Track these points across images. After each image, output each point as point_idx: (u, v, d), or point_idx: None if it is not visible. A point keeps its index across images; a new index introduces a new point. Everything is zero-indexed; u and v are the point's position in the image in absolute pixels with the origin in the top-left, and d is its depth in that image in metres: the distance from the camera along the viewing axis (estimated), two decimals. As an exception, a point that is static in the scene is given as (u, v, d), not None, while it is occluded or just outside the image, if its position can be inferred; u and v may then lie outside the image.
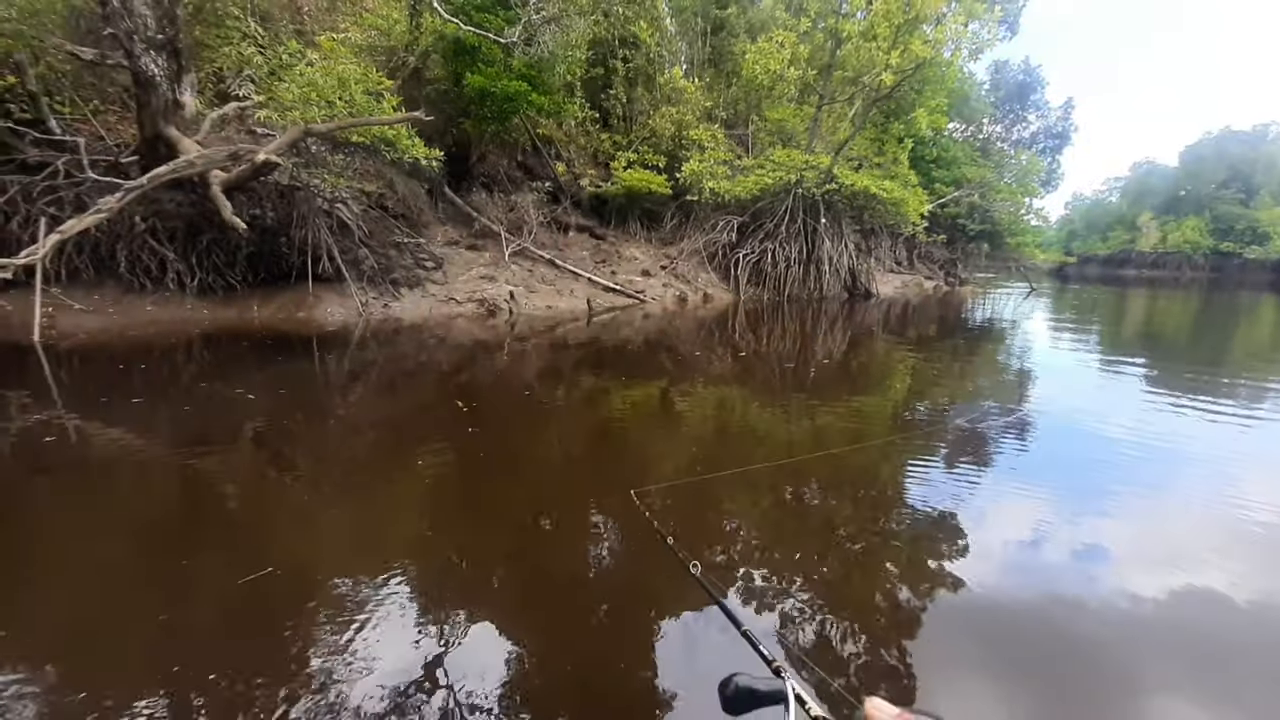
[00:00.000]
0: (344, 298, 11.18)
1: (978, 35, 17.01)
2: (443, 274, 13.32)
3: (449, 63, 14.39)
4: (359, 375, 8.12)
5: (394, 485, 4.57)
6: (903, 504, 4.35)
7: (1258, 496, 4.52)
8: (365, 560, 3.34)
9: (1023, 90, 32.51)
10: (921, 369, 10.08)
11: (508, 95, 13.72)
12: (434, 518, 4.07)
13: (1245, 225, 52.49)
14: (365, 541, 3.69)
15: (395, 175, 13.48)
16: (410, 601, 2.99)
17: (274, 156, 9.02)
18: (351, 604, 2.95)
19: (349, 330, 10.35)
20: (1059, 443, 6.02)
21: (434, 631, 2.79)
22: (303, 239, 10.59)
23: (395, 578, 3.17)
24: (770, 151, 19.16)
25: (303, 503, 4.26)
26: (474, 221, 15.70)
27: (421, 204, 14.62)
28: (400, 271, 12.36)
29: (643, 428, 6.40)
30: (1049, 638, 2.91)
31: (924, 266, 27.76)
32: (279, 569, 3.20)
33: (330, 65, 10.13)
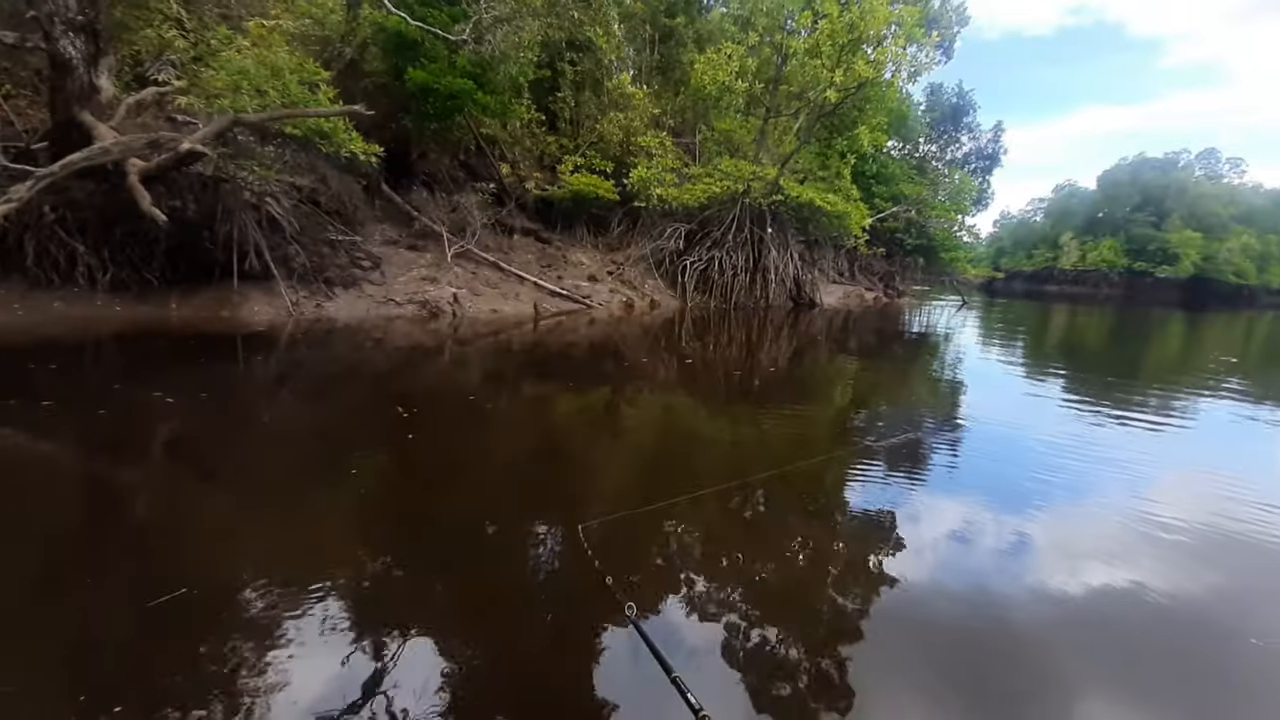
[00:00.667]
0: (272, 296, 10.60)
1: (916, 58, 17.68)
2: (381, 274, 12.82)
3: (389, 56, 13.93)
4: (288, 378, 7.69)
5: (324, 496, 4.27)
6: (846, 528, 4.23)
7: (1165, 499, 4.76)
8: (289, 579, 3.07)
9: (956, 113, 33.99)
10: (864, 378, 10.29)
11: (452, 93, 13.36)
12: (365, 533, 3.80)
13: (1156, 246, 56.32)
14: (290, 559, 3.40)
15: (329, 170, 12.88)
16: (337, 624, 2.74)
17: (200, 146, 8.48)
18: (273, 628, 2.69)
19: (277, 331, 9.81)
20: (988, 450, 6.18)
21: (359, 658, 2.55)
22: (227, 234, 9.98)
23: (321, 599, 2.91)
24: (718, 161, 19.34)
25: (224, 516, 3.92)
26: (414, 221, 15.20)
27: (357, 201, 14.00)
28: (334, 270, 11.82)
29: (588, 439, 6.25)
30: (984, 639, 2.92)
31: (865, 278, 28.60)
32: (195, 589, 2.91)
33: (263, 53, 9.60)
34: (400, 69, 13.50)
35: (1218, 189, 60.94)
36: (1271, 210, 61.87)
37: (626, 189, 18.13)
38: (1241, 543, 4.11)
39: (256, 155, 10.15)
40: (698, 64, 18.63)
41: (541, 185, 18.28)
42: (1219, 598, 3.47)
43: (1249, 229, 57.96)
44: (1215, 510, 4.60)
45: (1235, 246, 56.30)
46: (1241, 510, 4.62)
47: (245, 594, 2.94)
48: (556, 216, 18.79)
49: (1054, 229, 65.67)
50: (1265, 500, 4.88)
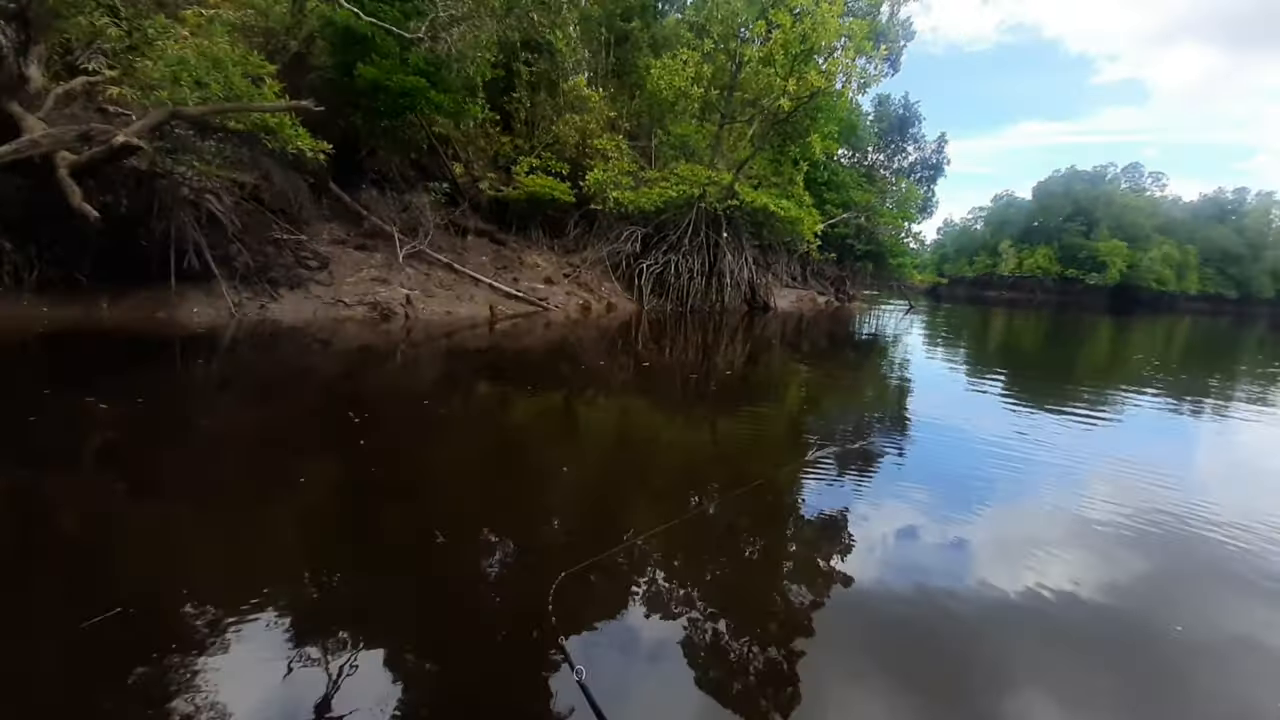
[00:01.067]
0: (213, 297, 10.16)
1: (866, 70, 18.23)
2: (329, 274, 12.44)
3: (338, 51, 13.53)
4: (231, 382, 7.39)
5: (269, 507, 4.11)
6: (800, 548, 3.97)
7: (1096, 494, 5.04)
8: (231, 597, 2.92)
9: (903, 123, 35.15)
10: (819, 382, 10.52)
11: (404, 90, 13.08)
12: (313, 547, 3.67)
13: (1087, 255, 59.40)
14: (233, 575, 3.25)
15: (273, 166, 12.41)
16: (278, 646, 2.63)
17: (135, 139, 8.05)
18: (213, 648, 2.56)
19: (218, 333, 9.41)
20: (934, 452, 6.39)
21: (300, 682, 2.44)
22: (164, 231, 9.54)
23: (263, 618, 2.79)
24: (674, 165, 19.49)
25: (163, 529, 3.72)
26: (363, 220, 14.80)
27: (303, 199, 13.52)
28: (279, 270, 11.42)
29: (547, 448, 6.16)
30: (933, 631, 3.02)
31: (817, 282, 29.24)
32: (131, 608, 2.75)
33: (203, 43, 9.18)
34: (349, 65, 13.14)
35: (1141, 201, 64.76)
36: (1188, 222, 66.18)
37: (583, 191, 18.08)
38: (1165, 534, 4.35)
39: (195, 150, 9.69)
40: (654, 68, 18.75)
41: (496, 186, 18.04)
42: (1146, 588, 3.66)
43: (1169, 239, 61.81)
44: (1142, 504, 4.86)
45: (1157, 255, 59.93)
46: (1165, 504, 4.89)
47: (185, 613, 2.79)
48: (511, 218, 18.58)
49: (993, 237, 68.51)
50: (1186, 493, 5.19)
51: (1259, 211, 68.46)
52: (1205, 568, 3.97)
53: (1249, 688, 2.83)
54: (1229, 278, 64.77)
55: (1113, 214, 60.88)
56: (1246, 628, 3.28)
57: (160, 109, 8.54)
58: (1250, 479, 6.18)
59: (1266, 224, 67.64)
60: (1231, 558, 4.06)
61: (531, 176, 17.59)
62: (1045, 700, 2.65)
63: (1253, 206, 69.00)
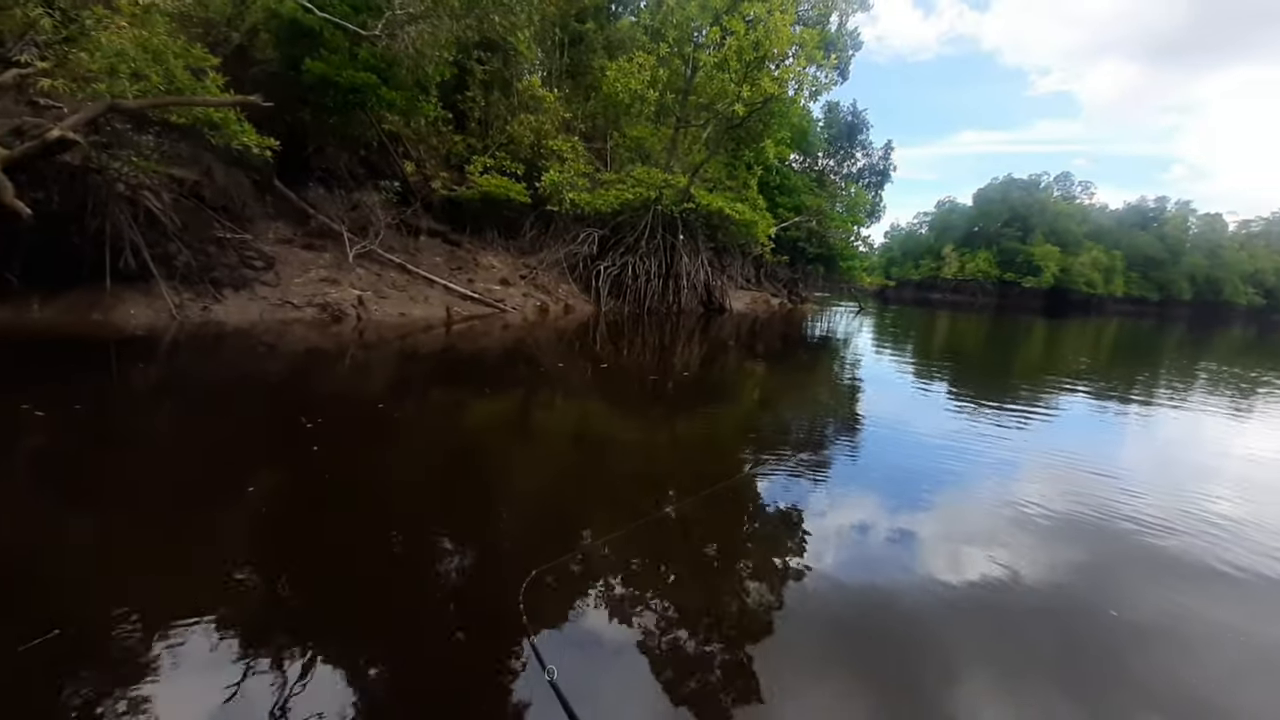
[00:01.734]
0: (152, 298, 9.72)
1: (817, 78, 18.68)
2: (275, 275, 12.04)
3: (284, 45, 13.14)
4: (175, 387, 7.09)
5: (216, 519, 3.96)
6: (756, 550, 4.00)
7: (1033, 489, 5.31)
8: (176, 615, 2.81)
9: (851, 130, 36.17)
10: (774, 382, 10.74)
11: (354, 86, 12.78)
12: (263, 560, 3.54)
13: (1023, 259, 62.23)
14: (177, 591, 3.10)
15: (214, 162, 11.92)
16: (225, 666, 2.52)
17: (71, 133, 7.61)
18: (156, 671, 2.47)
19: (158, 335, 9.00)
20: (884, 448, 6.61)
21: (251, 702, 2.37)
22: (98, 229, 9.08)
23: (210, 638, 2.69)
24: (631, 168, 19.57)
25: (103, 544, 3.54)
26: (310, 219, 14.37)
27: (247, 196, 13.04)
28: (222, 270, 10.99)
29: (505, 452, 6.14)
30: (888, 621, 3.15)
31: (770, 284, 29.79)
32: (70, 628, 2.63)
33: (142, 34, 8.76)
34: (296, 59, 12.76)
35: (1072, 208, 68.22)
36: (1114, 228, 70.07)
37: (538, 192, 17.97)
38: (1097, 524, 4.63)
39: (133, 145, 9.23)
40: (610, 70, 18.80)
41: (449, 185, 17.74)
42: (1081, 575, 3.88)
43: (1097, 245, 65.38)
44: (1075, 495, 5.17)
45: (1087, 260, 63.29)
46: (1096, 495, 5.21)
47: (125, 633, 2.67)
48: (465, 218, 18.32)
49: (937, 241, 71.10)
50: (1115, 484, 5.54)
51: (1178, 219, 73.01)
52: (1136, 554, 4.22)
53: (1178, 666, 3.03)
54: (1151, 281, 68.80)
55: (1046, 220, 63.97)
56: (1174, 610, 3.51)
57: (97, 102, 8.11)
58: (1174, 469, 6.58)
59: (1184, 231, 72.18)
60: (1159, 543, 4.34)
61: (486, 176, 17.39)
62: (989, 681, 2.81)
63: (1172, 214, 73.55)
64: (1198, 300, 69.13)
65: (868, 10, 27.16)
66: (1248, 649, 3.17)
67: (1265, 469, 6.67)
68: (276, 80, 13.44)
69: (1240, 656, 3.11)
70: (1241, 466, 6.72)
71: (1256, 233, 77.45)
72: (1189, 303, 69.06)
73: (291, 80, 13.02)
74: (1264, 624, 3.42)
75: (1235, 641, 3.22)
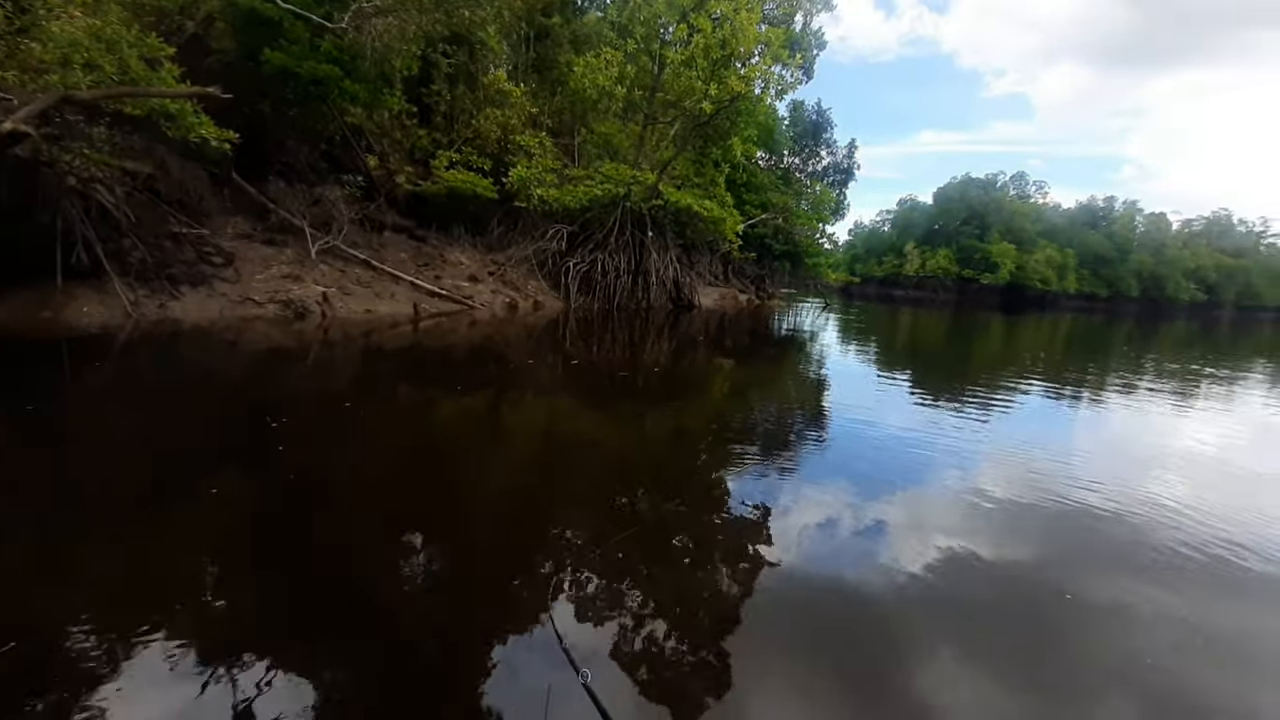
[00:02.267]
0: (106, 295, 9.39)
1: (783, 77, 18.92)
2: (235, 271, 11.73)
3: (242, 35, 12.77)
4: (132, 386, 6.88)
5: (179, 522, 3.84)
6: (728, 542, 4.04)
7: (992, 477, 5.49)
8: (136, 623, 2.70)
9: (816, 129, 36.65)
10: (744, 378, 10.85)
11: (315, 78, 12.50)
12: (230, 565, 3.44)
13: (981, 256, 63.91)
14: (139, 600, 2.98)
15: (169, 155, 11.54)
16: (192, 679, 2.43)
17: (23, 125, 7.29)
18: (120, 682, 2.37)
19: (113, 334, 8.71)
20: (850, 441, 6.70)
21: (217, 700, 2.32)
22: (48, 225, 8.73)
23: (174, 648, 2.59)
24: (599, 164, 19.54)
25: (60, 551, 3.39)
26: (270, 214, 14.02)
27: (203, 190, 12.65)
28: (180, 267, 10.67)
29: (477, 452, 6.09)
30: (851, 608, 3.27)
31: (738, 281, 30.08)
32: (22, 641, 2.54)
33: (95, 23, 8.42)
34: (254, 49, 12.42)
35: (1027, 207, 70.28)
36: (1067, 227, 72.42)
37: (506, 188, 17.82)
38: (1052, 511, 4.81)
39: (84, 137, 8.86)
40: (577, 66, 18.73)
41: (413, 180, 17.45)
42: (1039, 561, 4.04)
43: (1051, 243, 67.51)
44: (1031, 485, 5.37)
45: (1041, 258, 65.32)
46: (1051, 484, 5.41)
47: (84, 646, 2.56)
48: (431, 214, 18.05)
49: (899, 238, 72.52)
50: (1069, 474, 5.77)
51: (1125, 218, 75.79)
52: (1089, 539, 4.40)
53: (1128, 644, 3.17)
54: (1101, 278, 71.30)
55: (1003, 219, 65.81)
56: (1124, 592, 3.67)
57: (50, 93, 7.76)
58: (1123, 457, 6.89)
59: (1132, 230, 74.94)
60: (1110, 529, 4.54)
61: (452, 171, 17.17)
62: (953, 661, 2.92)
63: (1120, 214, 76.32)
64: (1144, 296, 71.91)
65: (831, 10, 27.56)
66: (1190, 627, 3.32)
67: (1206, 455, 6.99)
68: (234, 71, 13.05)
69: (1183, 634, 3.26)
70: (1185, 453, 7.02)
71: (1198, 231, 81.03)
72: (1136, 299, 71.77)
73: (250, 71, 12.66)
74: (1205, 603, 3.60)
75: (1179, 620, 3.38)
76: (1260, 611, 3.61)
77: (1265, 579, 3.93)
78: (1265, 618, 3.54)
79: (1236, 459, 6.94)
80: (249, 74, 12.72)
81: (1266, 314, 74.70)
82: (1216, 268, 74.97)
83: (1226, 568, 4.03)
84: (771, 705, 2.57)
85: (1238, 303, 76.16)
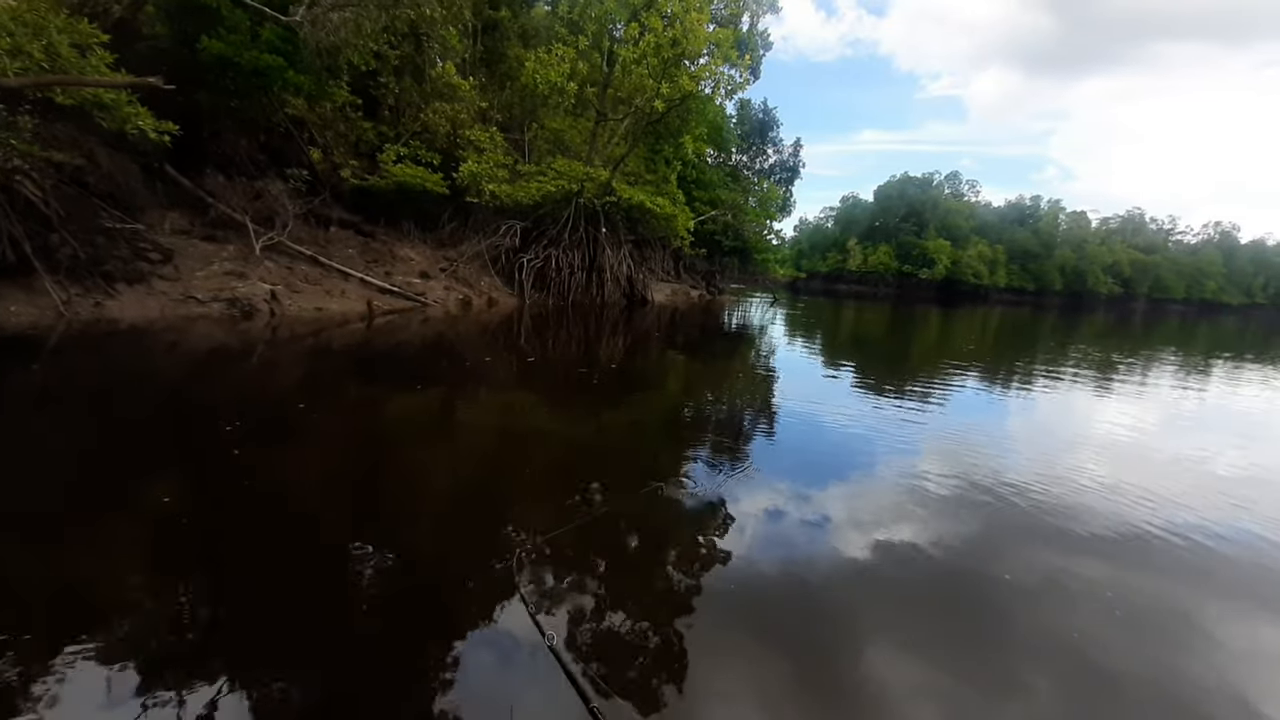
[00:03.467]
0: (34, 294, 8.90)
1: (732, 78, 19.27)
2: (174, 268, 11.25)
3: (175, 21, 12.25)
4: (71, 390, 6.55)
5: (128, 531, 3.72)
6: (682, 534, 4.26)
7: (931, 469, 5.68)
8: (75, 638, 2.63)
9: (763, 128, 37.47)
10: (696, 372, 11.11)
11: (257, 69, 12.10)
12: (189, 572, 3.37)
13: (919, 252, 66.61)
14: (79, 611, 2.88)
15: (97, 146, 10.96)
16: (140, 690, 2.39)
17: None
18: (62, 701, 2.32)
19: (44, 334, 8.26)
20: (797, 434, 6.88)
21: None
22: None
23: (121, 659, 2.53)
24: (551, 160, 19.49)
25: None
26: (209, 208, 13.51)
27: (135, 183, 12.08)
28: (114, 263, 10.18)
29: (439, 449, 6.09)
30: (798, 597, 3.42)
31: (689, 277, 30.48)
32: None
33: (18, 5, 7.93)
34: (190, 37, 11.94)
35: (960, 205, 73.53)
36: (997, 224, 76.13)
37: (456, 183, 17.59)
38: (987, 498, 5.06)
39: (9, 125, 8.34)
40: (529, 62, 18.61)
41: (359, 174, 17.03)
42: (977, 545, 4.25)
43: (983, 239, 70.89)
44: (966, 472, 5.64)
45: (974, 254, 68.51)
46: (985, 471, 5.70)
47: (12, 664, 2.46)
48: (379, 209, 17.67)
49: (843, 235, 74.74)
50: (1001, 461, 6.12)
51: (1050, 216, 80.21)
52: (1022, 521, 4.68)
53: (1062, 617, 3.45)
54: (1029, 273, 75.25)
55: (939, 216, 68.72)
56: (1056, 569, 3.95)
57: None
58: (1051, 441, 7.33)
59: (1055, 227, 79.35)
60: (1041, 510, 4.86)
61: (400, 165, 16.86)
62: (898, 641, 3.11)
63: (1045, 212, 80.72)
64: (1067, 290, 76.27)
65: (777, 12, 28.18)
66: (1117, 599, 3.61)
67: (1126, 437, 7.58)
68: (166, 58, 12.46)
69: (1111, 606, 3.54)
70: (1105, 435, 7.58)
71: (1114, 229, 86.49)
72: (1060, 292, 76.04)
73: (185, 59, 12.15)
74: (1129, 576, 3.92)
75: (1106, 594, 3.67)
76: (1171, 583, 3.94)
77: (1171, 552, 4.32)
78: (1175, 588, 3.87)
79: (1153, 442, 7.53)
80: (184, 62, 12.19)
81: (1174, 306, 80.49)
82: (1131, 263, 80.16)
83: (1143, 545, 4.39)
84: (720, 680, 2.71)
85: (1150, 296, 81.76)
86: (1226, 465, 6.66)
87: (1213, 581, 3.99)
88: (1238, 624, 3.54)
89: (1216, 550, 4.40)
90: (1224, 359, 19.02)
